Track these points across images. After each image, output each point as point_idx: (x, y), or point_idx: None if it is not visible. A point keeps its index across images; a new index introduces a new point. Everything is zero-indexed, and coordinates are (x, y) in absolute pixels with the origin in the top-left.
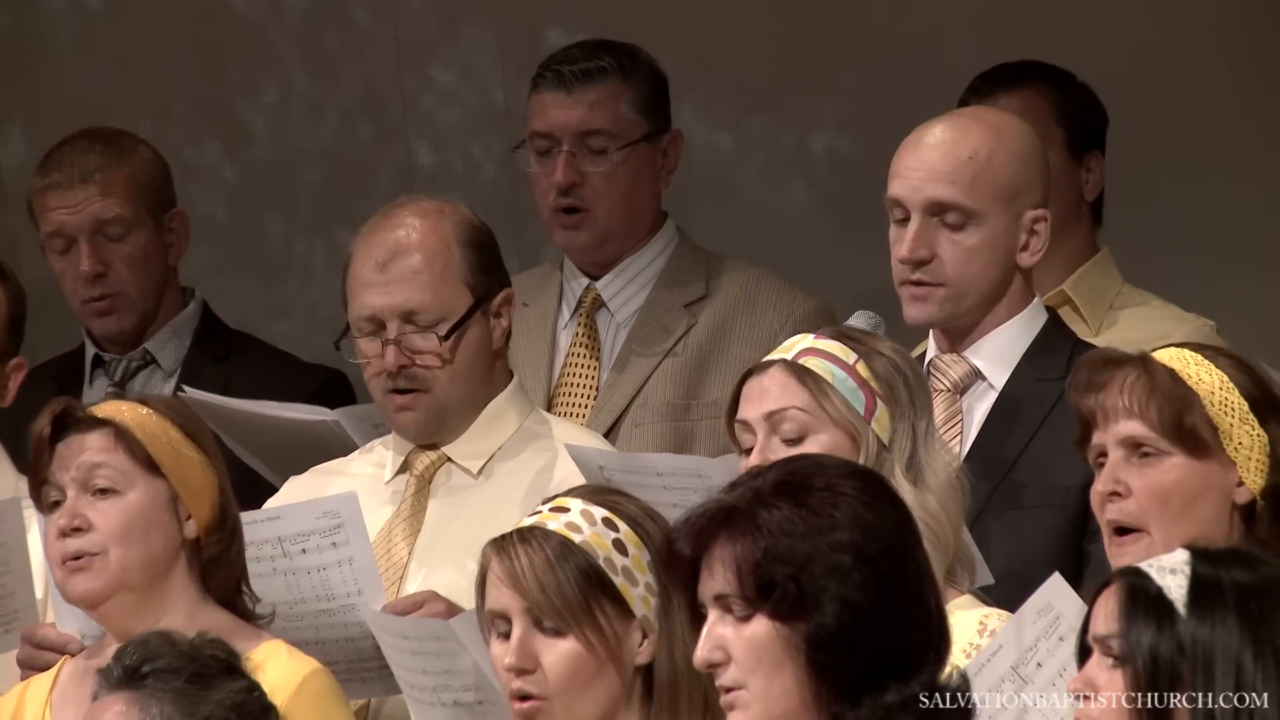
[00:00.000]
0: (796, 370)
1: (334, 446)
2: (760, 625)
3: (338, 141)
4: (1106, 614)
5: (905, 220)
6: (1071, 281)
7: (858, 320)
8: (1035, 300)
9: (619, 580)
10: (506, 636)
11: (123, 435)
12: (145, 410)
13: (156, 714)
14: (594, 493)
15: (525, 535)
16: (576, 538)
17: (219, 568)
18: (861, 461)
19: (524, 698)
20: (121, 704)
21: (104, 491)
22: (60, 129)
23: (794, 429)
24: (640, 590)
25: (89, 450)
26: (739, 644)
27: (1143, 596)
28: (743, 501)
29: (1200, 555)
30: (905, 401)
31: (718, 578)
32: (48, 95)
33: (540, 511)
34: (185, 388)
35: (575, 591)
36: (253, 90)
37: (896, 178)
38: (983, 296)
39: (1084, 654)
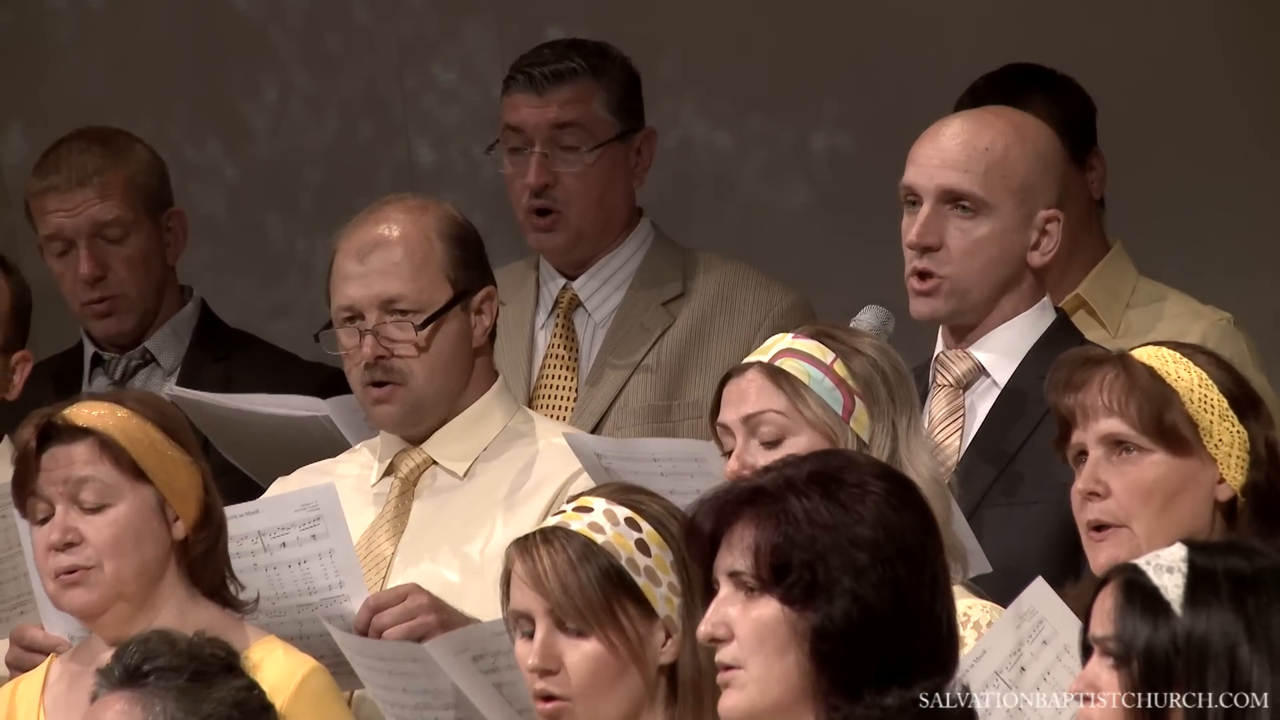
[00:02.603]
0: (773, 373)
1: (323, 443)
2: (769, 607)
3: (338, 140)
4: (1103, 614)
5: (918, 207)
6: (1086, 284)
7: (867, 315)
8: (1044, 299)
9: (641, 580)
10: (530, 637)
11: (108, 445)
12: (124, 413)
13: (160, 712)
14: (618, 492)
15: (548, 536)
16: (599, 538)
17: (207, 562)
18: None
19: (547, 698)
20: (123, 703)
21: (93, 505)
22: (61, 128)
23: (771, 432)
24: (663, 590)
25: (75, 463)
26: (745, 623)
27: (1138, 595)
28: (773, 485)
29: (1197, 549)
30: (884, 399)
31: (735, 554)
32: (49, 94)
33: (564, 511)
34: (174, 387)
35: (597, 592)
36: (253, 89)
37: (912, 165)
38: (988, 292)
39: (1087, 653)
